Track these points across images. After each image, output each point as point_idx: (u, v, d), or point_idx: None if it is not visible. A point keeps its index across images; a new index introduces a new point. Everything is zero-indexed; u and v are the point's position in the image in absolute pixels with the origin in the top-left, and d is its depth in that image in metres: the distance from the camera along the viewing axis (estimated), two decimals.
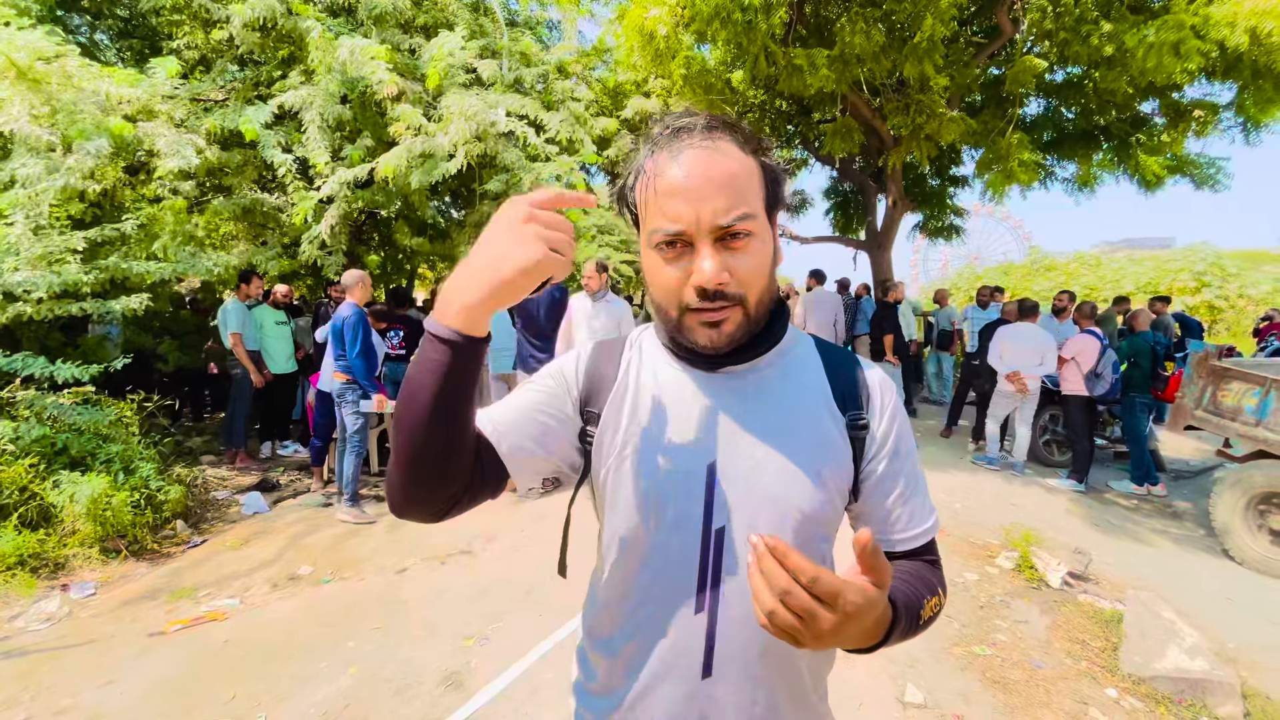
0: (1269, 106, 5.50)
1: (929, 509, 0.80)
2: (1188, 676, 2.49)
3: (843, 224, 11.60)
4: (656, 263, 0.68)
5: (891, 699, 2.38)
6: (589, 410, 0.77)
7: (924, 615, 0.70)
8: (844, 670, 2.56)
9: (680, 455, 0.72)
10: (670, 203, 0.65)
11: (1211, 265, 16.94)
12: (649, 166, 0.69)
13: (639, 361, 0.79)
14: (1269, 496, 4.21)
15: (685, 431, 0.73)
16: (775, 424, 0.73)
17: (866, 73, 5.67)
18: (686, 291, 0.67)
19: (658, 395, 0.75)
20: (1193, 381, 4.77)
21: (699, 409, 0.73)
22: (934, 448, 6.29)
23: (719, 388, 0.74)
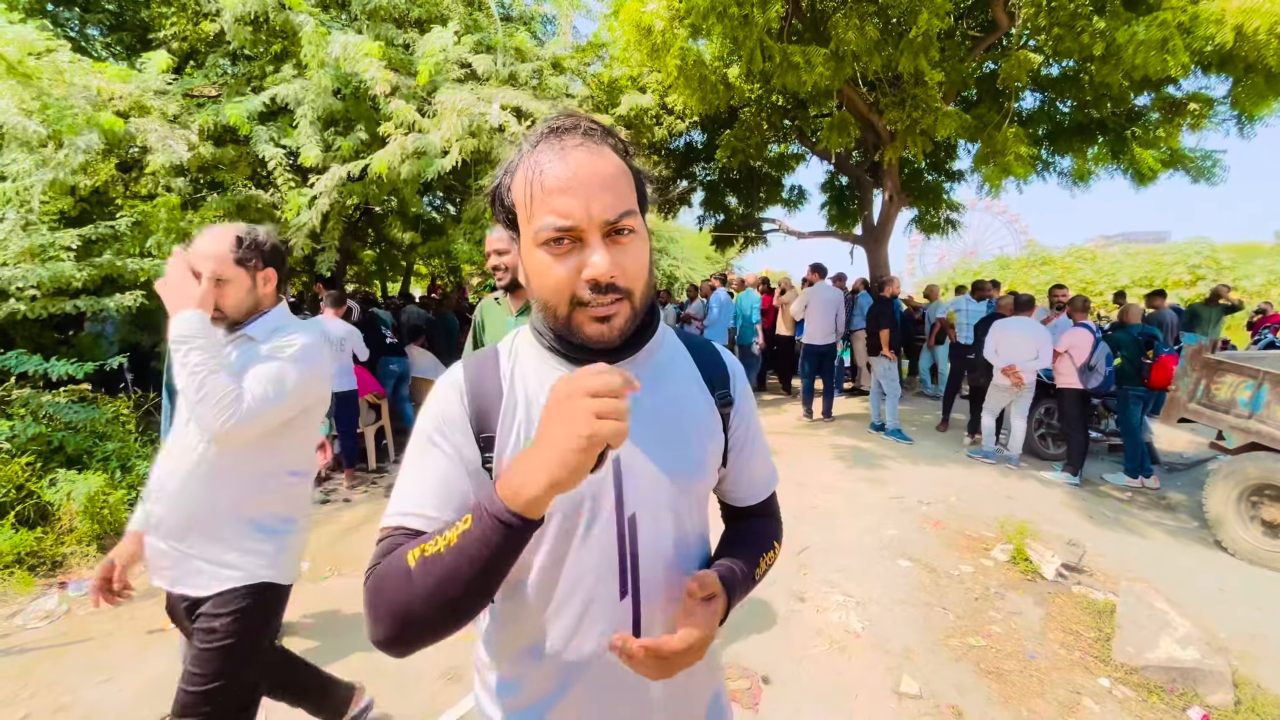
0: (1261, 101, 5.52)
1: (771, 468, 0.94)
2: (1179, 666, 2.52)
3: (839, 219, 11.62)
4: (544, 260, 0.69)
5: (887, 690, 2.40)
6: (484, 437, 0.75)
7: (759, 572, 0.85)
8: (839, 662, 2.58)
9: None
10: (558, 199, 0.67)
11: (1207, 259, 17.03)
12: (531, 164, 0.69)
13: (521, 370, 0.79)
14: (1261, 488, 4.25)
15: None
16: (662, 410, 0.79)
17: (862, 68, 5.67)
18: (579, 286, 0.68)
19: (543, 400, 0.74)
20: (1187, 374, 4.80)
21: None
22: (930, 442, 6.32)
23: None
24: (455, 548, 0.60)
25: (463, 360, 0.81)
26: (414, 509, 0.71)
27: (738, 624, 2.82)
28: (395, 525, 0.71)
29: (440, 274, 12.32)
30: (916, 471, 5.23)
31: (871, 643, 2.70)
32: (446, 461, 0.74)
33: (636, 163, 0.76)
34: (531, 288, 0.73)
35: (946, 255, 32.57)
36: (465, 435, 0.75)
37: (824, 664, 2.56)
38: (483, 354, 0.81)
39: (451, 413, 0.76)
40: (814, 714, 2.27)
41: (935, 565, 3.46)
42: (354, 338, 4.81)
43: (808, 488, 4.74)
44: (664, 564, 0.78)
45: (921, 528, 3.97)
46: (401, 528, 0.71)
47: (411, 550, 0.64)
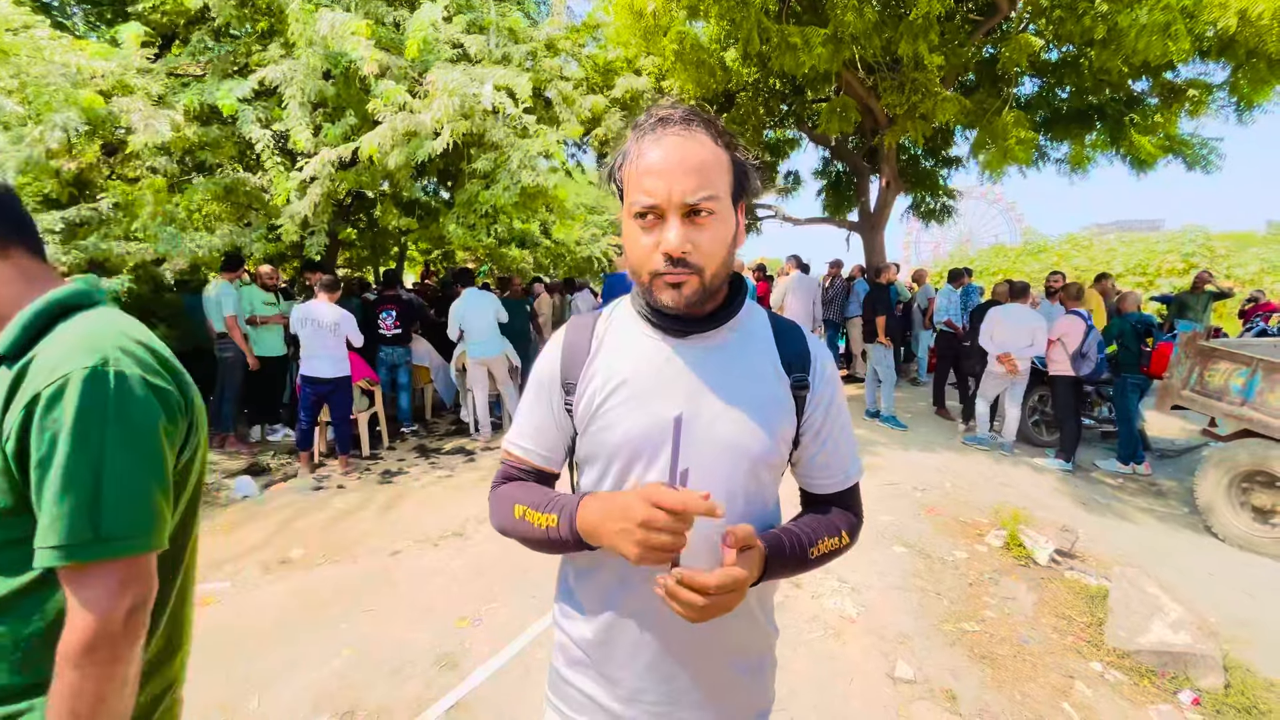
0: (1263, 86, 5.48)
1: (854, 461, 0.95)
2: (1171, 650, 2.54)
3: (835, 205, 11.54)
4: (635, 231, 0.80)
5: (882, 675, 2.41)
6: (568, 382, 0.90)
7: (815, 553, 0.88)
8: (835, 648, 2.59)
9: (652, 408, 0.83)
10: (648, 180, 0.77)
11: (1200, 247, 17.08)
12: (633, 149, 0.81)
13: (613, 330, 0.91)
14: (1252, 474, 4.28)
15: (656, 389, 0.85)
16: (732, 383, 0.86)
17: (860, 51, 5.59)
18: (656, 257, 0.78)
19: (630, 358, 0.87)
20: (1180, 362, 4.82)
21: (668, 370, 0.85)
22: (926, 428, 6.34)
23: (686, 352, 0.86)
24: (543, 531, 0.84)
25: (570, 320, 0.97)
26: (518, 439, 0.95)
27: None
28: (507, 451, 0.96)
29: (434, 260, 12.20)
30: (911, 458, 5.24)
31: (867, 628, 2.71)
32: (541, 406, 0.93)
33: (739, 153, 0.85)
34: (625, 254, 0.85)
35: (942, 243, 32.55)
36: (554, 383, 0.91)
37: (820, 649, 2.57)
38: (586, 316, 0.95)
39: (547, 365, 0.93)
40: (810, 699, 2.27)
41: (930, 551, 3.47)
42: (347, 323, 4.75)
43: None
44: (711, 530, 0.81)
45: (916, 514, 3.98)
46: (510, 454, 0.96)
47: (520, 504, 0.87)
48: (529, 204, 5.83)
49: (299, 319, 4.64)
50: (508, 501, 0.89)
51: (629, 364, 0.86)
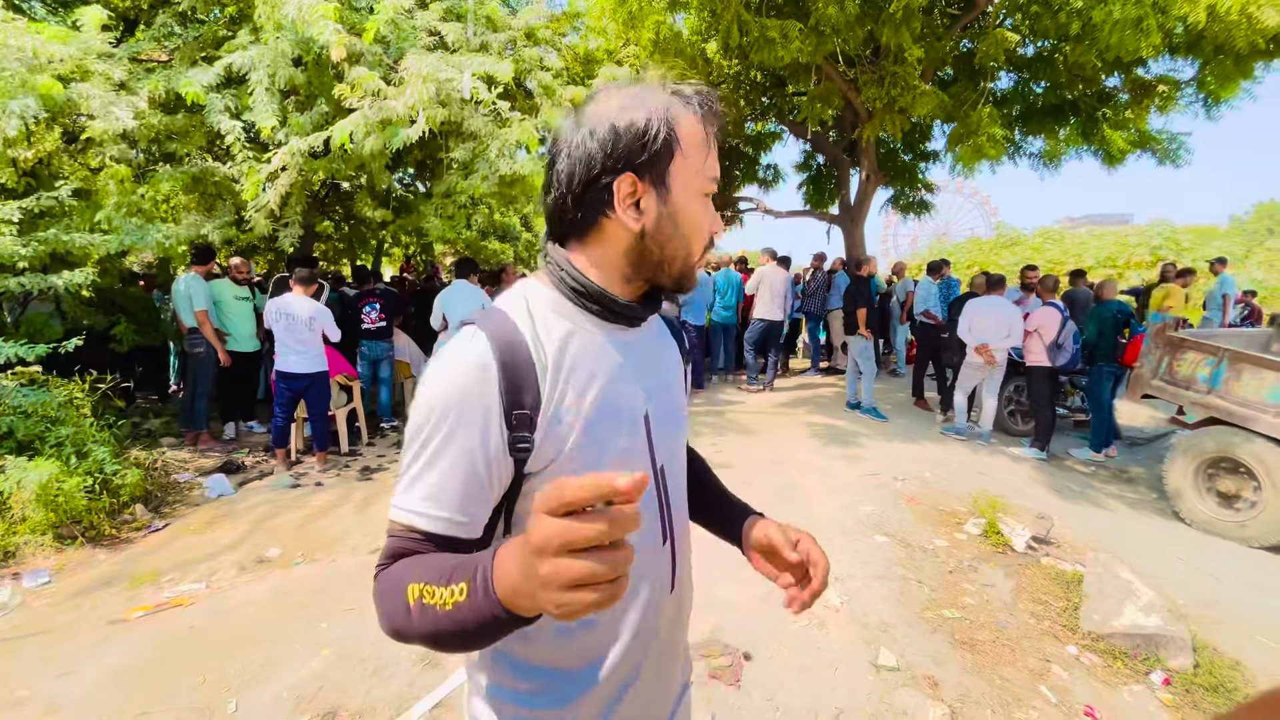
0: (1229, 82, 5.62)
1: None
2: (1143, 632, 2.61)
3: (816, 198, 11.61)
4: (701, 210, 0.76)
5: (865, 663, 2.43)
6: (518, 415, 0.68)
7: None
8: (819, 637, 2.61)
9: (628, 413, 0.77)
10: (715, 161, 0.77)
11: (1167, 240, 17.56)
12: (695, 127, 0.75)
13: (550, 332, 0.73)
14: (1218, 461, 4.42)
15: (628, 389, 0.78)
16: (667, 366, 0.87)
17: (841, 43, 5.60)
18: (703, 239, 0.78)
19: (588, 365, 0.74)
20: (1151, 352, 4.94)
21: (630, 364, 0.79)
22: (905, 419, 6.42)
23: (632, 344, 0.80)
24: (450, 613, 0.56)
25: (478, 322, 0.71)
26: (423, 508, 0.66)
27: (719, 601, 2.83)
28: (404, 525, 0.67)
29: (414, 253, 12.01)
30: (891, 448, 5.31)
31: (850, 617, 2.74)
32: (462, 453, 0.66)
33: None
34: (678, 235, 0.75)
35: (919, 236, 32.98)
36: (490, 418, 0.67)
37: (804, 639, 2.59)
38: (497, 315, 0.72)
39: (473, 388, 0.67)
40: (795, 688, 2.29)
41: (911, 540, 3.52)
42: (323, 317, 4.64)
43: (785, 466, 4.78)
44: (683, 508, 0.87)
45: (897, 503, 4.04)
46: (411, 529, 0.67)
47: (413, 585, 0.60)
48: (507, 193, 5.75)
49: (273, 313, 4.53)
50: (397, 585, 0.62)
51: (595, 368, 0.74)
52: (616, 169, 0.71)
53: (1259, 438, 4.16)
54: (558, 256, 0.76)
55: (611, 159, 0.70)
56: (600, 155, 0.70)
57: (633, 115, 0.70)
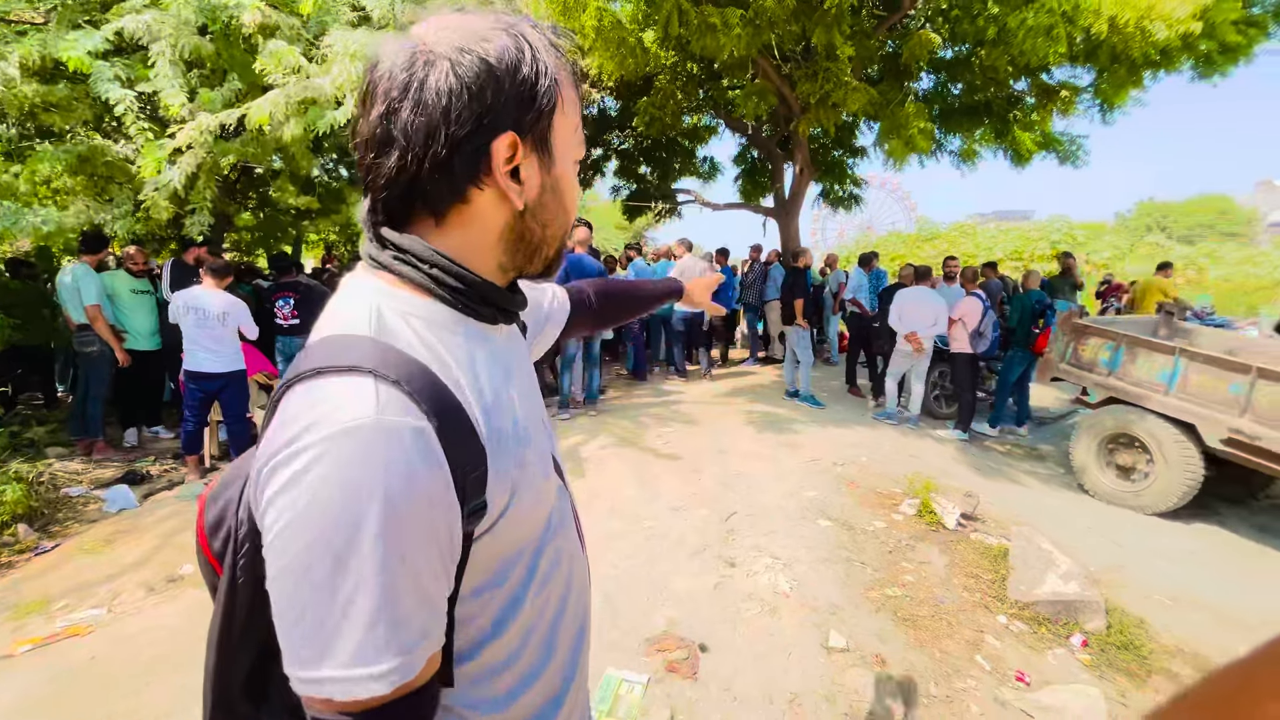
0: (1122, 90, 6.12)
1: None
2: (1063, 599, 2.81)
3: (751, 191, 11.84)
4: (575, 180, 0.65)
5: (817, 646, 2.49)
6: (473, 479, 0.52)
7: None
8: (771, 623, 2.65)
9: (536, 429, 0.66)
10: (581, 126, 0.66)
11: (1065, 235, 19.12)
12: (568, 91, 0.62)
13: (453, 359, 0.56)
14: (1116, 437, 4.83)
15: (526, 406, 0.66)
16: (529, 362, 0.77)
17: (777, 37, 5.69)
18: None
19: (494, 384, 0.60)
20: (1058, 338, 5.34)
21: (512, 373, 0.66)
22: (840, 406, 6.67)
23: (504, 344, 0.67)
24: None
25: (364, 366, 0.48)
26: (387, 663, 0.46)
27: (674, 593, 2.82)
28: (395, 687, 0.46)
29: (336, 242, 11.33)
30: (829, 435, 5.49)
31: (800, 601, 2.80)
32: (419, 569, 0.47)
33: None
34: (561, 210, 0.64)
35: (846, 229, 34.35)
36: (449, 506, 0.50)
37: (757, 626, 2.62)
38: (380, 351, 0.51)
39: (419, 478, 0.47)
40: (752, 677, 2.31)
41: (852, 523, 3.64)
42: (238, 311, 4.27)
43: (730, 455, 4.84)
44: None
45: (838, 488, 4.17)
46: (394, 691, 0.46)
47: None
48: None
49: (181, 307, 4.13)
50: None
51: (499, 386, 0.60)
52: (496, 126, 0.54)
53: (1151, 414, 4.58)
54: (415, 246, 0.56)
55: (490, 112, 0.53)
56: (472, 105, 0.53)
57: (512, 53, 0.54)
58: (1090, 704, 2.21)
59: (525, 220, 0.60)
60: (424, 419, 0.48)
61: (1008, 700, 2.28)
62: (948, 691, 2.30)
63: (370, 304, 0.55)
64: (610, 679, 2.23)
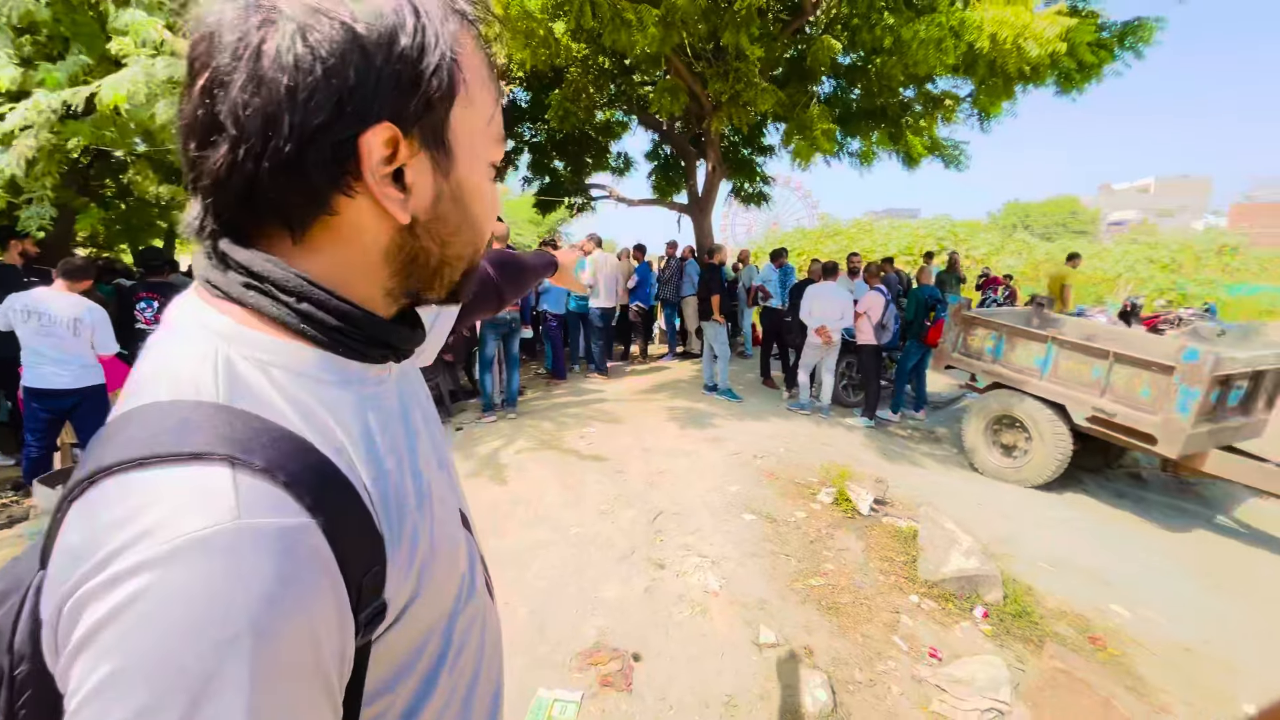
0: (997, 101, 6.70)
1: None
2: (966, 575, 3.02)
3: (665, 188, 11.94)
4: (490, 185, 0.52)
5: (748, 644, 2.52)
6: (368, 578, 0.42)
7: None
8: (703, 624, 2.65)
9: (439, 482, 0.56)
10: (499, 118, 0.52)
11: (948, 232, 20.86)
12: (477, 45, 0.49)
13: (334, 419, 0.44)
14: (1000, 418, 5.30)
15: (425, 454, 0.54)
16: (426, 395, 0.64)
17: (689, 36, 5.72)
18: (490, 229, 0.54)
19: (388, 439, 0.48)
20: (950, 329, 5.78)
21: (414, 422, 0.55)
22: (757, 399, 6.87)
23: (396, 387, 0.54)
24: None
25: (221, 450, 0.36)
26: None
27: (604, 602, 2.76)
28: None
29: None
30: (748, 427, 5.63)
31: (729, 599, 2.82)
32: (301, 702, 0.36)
33: None
34: (468, 224, 0.50)
35: (754, 225, 35.60)
36: (345, 631, 0.39)
37: (689, 628, 2.61)
38: (242, 420, 0.38)
39: (304, 605, 0.35)
40: (686, 682, 2.29)
41: (775, 515, 3.73)
42: (94, 319, 3.70)
43: (653, 453, 4.84)
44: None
45: (759, 480, 4.27)
46: None
47: None
48: None
49: (18, 311, 3.52)
50: None
51: (394, 441, 0.49)
52: (364, 115, 0.41)
53: (1029, 397, 5.06)
54: (273, 270, 0.43)
55: (355, 96, 0.40)
56: (329, 85, 0.39)
57: (388, 18, 0.41)
58: (994, 673, 2.38)
59: (417, 237, 0.47)
60: (303, 514, 0.37)
61: (923, 677, 2.41)
62: (871, 676, 2.39)
63: (213, 352, 0.41)
64: (542, 701, 2.13)
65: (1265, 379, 4.59)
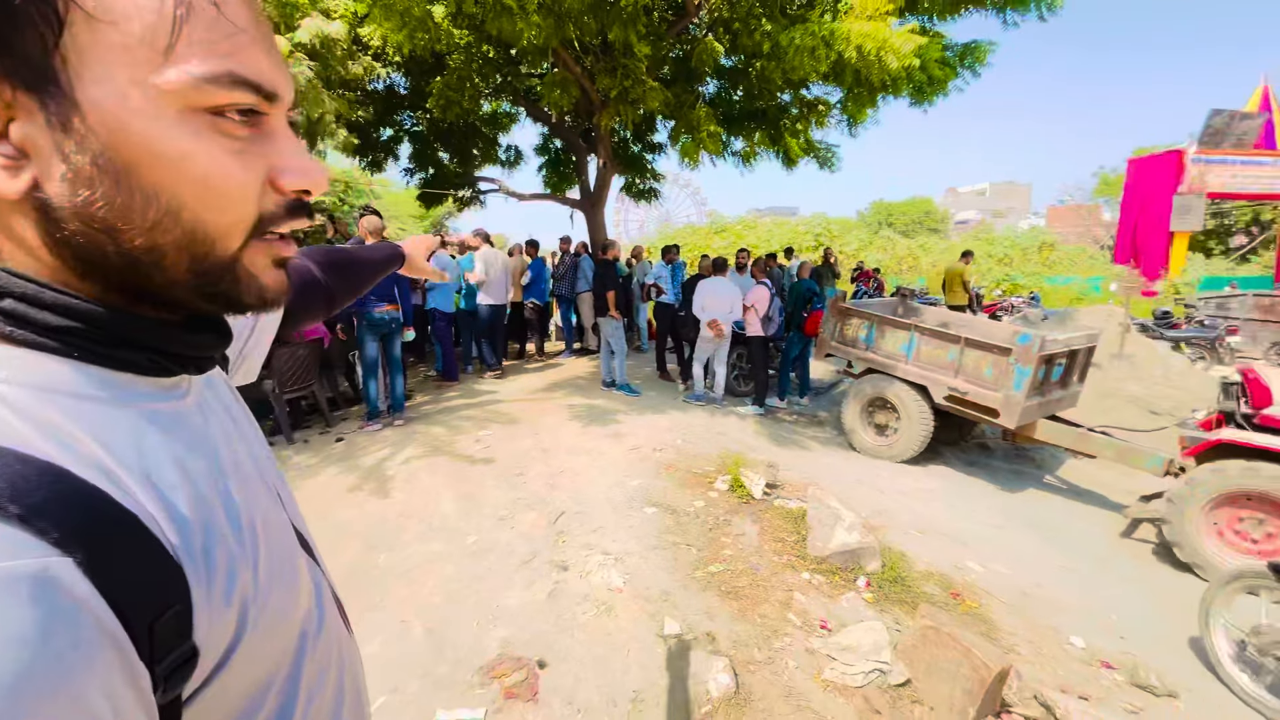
0: (862, 109, 7.27)
1: None
2: (849, 549, 3.26)
3: (556, 183, 11.78)
4: (204, 148, 0.36)
5: (653, 636, 2.54)
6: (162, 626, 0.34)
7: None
8: (608, 623, 2.64)
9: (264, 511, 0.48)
10: (247, 46, 0.37)
11: (824, 229, 22.45)
12: None
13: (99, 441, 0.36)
14: (874, 400, 5.78)
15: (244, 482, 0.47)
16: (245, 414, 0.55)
17: (577, 30, 5.65)
18: (267, 201, 0.40)
19: (185, 469, 0.40)
20: (829, 319, 6.21)
21: (220, 434, 0.47)
22: (654, 392, 6.98)
23: (198, 401, 0.47)
24: None
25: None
26: None
27: (506, 610, 2.66)
28: None
29: None
30: (646, 420, 5.70)
31: (633, 594, 2.84)
32: None
33: None
34: (146, 201, 0.36)
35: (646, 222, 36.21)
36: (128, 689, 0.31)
37: (594, 628, 2.59)
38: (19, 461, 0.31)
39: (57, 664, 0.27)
40: (593, 683, 2.27)
41: (675, 506, 3.81)
42: None
43: (553, 452, 4.76)
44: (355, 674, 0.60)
45: (659, 473, 4.34)
46: None
47: None
48: None
49: None
50: None
51: (197, 465, 0.42)
52: None
53: (897, 380, 5.56)
54: None
55: None
56: None
57: None
58: (876, 637, 2.58)
59: (64, 223, 0.35)
60: (53, 552, 0.29)
61: (815, 649, 2.57)
62: (769, 653, 2.51)
63: None
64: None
65: (1079, 356, 5.38)
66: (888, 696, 2.34)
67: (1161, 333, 9.99)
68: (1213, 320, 10.70)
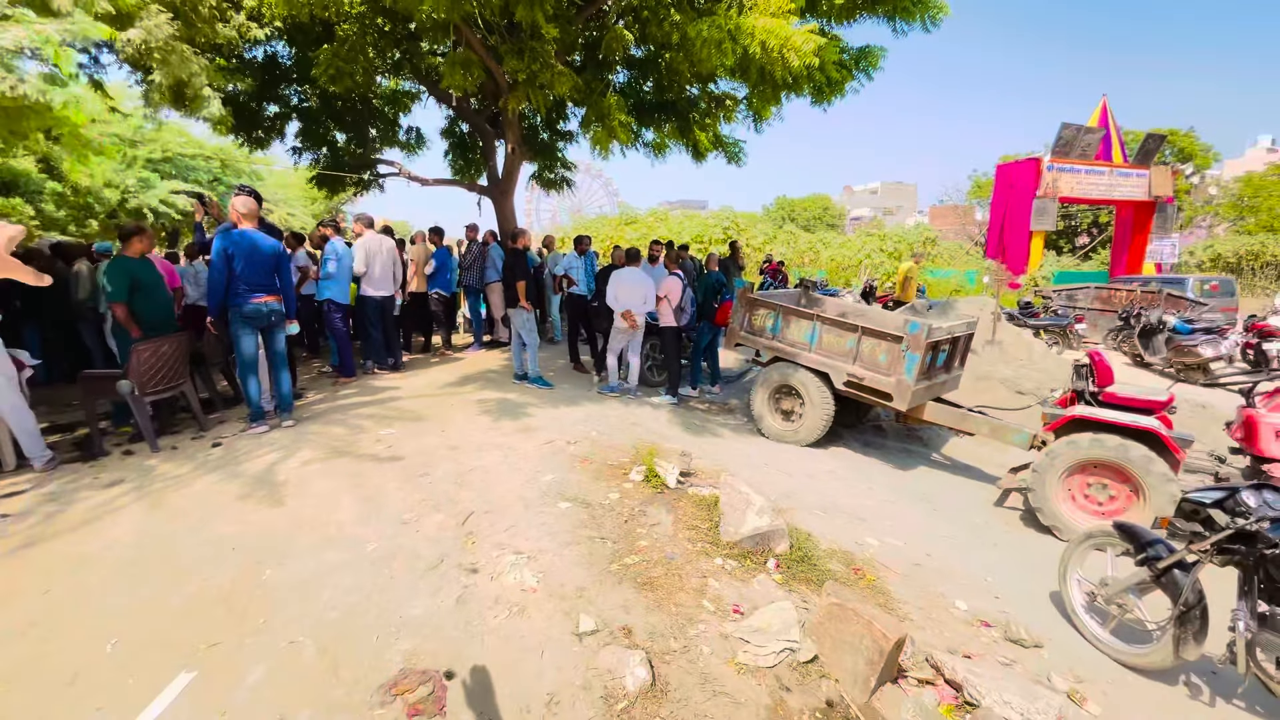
0: (767, 105, 7.48)
1: None
2: (760, 532, 3.35)
3: (462, 168, 11.28)
4: None
5: (568, 635, 2.48)
6: None
7: None
8: (522, 625, 2.55)
9: None
10: None
11: (732, 223, 23.11)
12: None
13: None
14: (780, 387, 6.01)
15: None
16: None
17: (480, 6, 5.37)
18: None
19: None
20: (738, 310, 6.37)
21: None
22: (567, 384, 6.87)
23: None
24: None
25: None
26: None
27: (411, 620, 2.50)
28: None
29: None
30: (560, 414, 5.60)
31: (547, 593, 2.76)
32: None
33: None
34: None
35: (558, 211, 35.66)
36: None
37: (507, 632, 2.49)
38: None
39: None
40: (506, 689, 2.18)
41: (590, 499, 3.76)
42: None
43: (462, 450, 4.55)
44: None
45: (573, 467, 4.27)
46: None
47: None
48: (8, 124, 3.85)
49: None
50: None
51: None
52: None
53: (802, 368, 5.81)
54: None
55: None
56: None
57: None
58: (785, 616, 2.67)
59: None
60: None
61: (729, 633, 2.62)
62: (684, 642, 2.53)
63: None
64: None
65: (960, 343, 5.86)
66: (797, 674, 2.43)
67: (1025, 321, 11.16)
68: (1064, 310, 12.11)
